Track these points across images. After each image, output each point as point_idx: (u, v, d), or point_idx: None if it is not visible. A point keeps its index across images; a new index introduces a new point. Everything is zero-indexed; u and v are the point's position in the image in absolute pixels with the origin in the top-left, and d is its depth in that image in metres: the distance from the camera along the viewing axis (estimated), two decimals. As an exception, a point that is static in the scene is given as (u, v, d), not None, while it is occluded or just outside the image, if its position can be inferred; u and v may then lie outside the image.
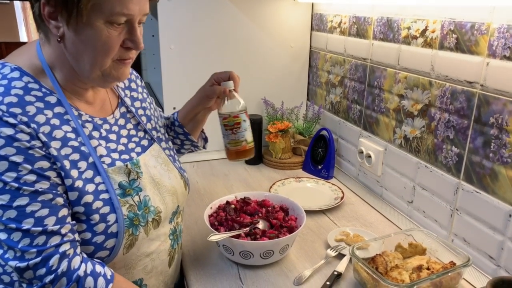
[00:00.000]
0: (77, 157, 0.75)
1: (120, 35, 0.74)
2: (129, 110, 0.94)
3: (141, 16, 0.76)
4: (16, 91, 0.71)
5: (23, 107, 0.70)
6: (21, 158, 0.67)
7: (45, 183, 0.69)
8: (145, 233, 0.83)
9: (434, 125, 1.12)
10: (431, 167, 1.14)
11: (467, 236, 1.04)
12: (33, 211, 0.68)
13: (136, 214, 0.81)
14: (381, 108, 1.33)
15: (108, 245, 0.77)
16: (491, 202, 0.96)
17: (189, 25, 1.56)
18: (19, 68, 0.74)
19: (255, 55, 1.68)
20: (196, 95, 1.08)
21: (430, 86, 1.12)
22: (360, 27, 1.41)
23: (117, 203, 0.78)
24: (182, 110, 1.11)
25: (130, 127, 0.92)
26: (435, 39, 1.08)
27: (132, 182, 0.83)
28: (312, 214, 1.26)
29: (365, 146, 1.41)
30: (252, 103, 1.74)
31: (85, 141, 0.78)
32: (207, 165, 1.64)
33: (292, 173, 1.59)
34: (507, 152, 0.91)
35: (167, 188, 0.91)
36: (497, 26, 0.91)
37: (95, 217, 0.75)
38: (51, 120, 0.73)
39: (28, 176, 0.67)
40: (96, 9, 0.70)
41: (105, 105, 0.88)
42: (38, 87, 0.74)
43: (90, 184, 0.76)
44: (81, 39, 0.72)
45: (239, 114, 1.04)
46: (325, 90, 1.69)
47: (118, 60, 0.77)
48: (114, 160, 0.82)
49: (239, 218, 1.04)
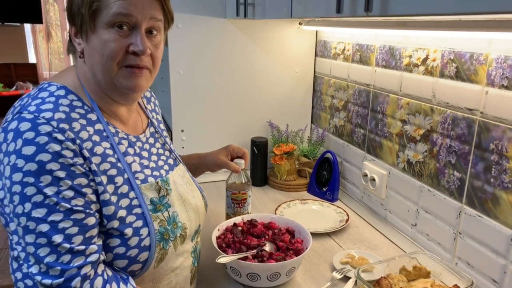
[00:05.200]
0: (114, 173, 0.79)
1: (125, 39, 0.77)
2: (157, 130, 0.99)
3: (147, 20, 0.78)
4: (63, 108, 0.75)
5: (70, 123, 0.74)
6: (63, 174, 0.70)
7: (80, 200, 0.72)
8: (174, 247, 0.86)
9: (436, 150, 1.15)
10: (434, 191, 1.16)
11: (470, 259, 1.06)
12: (65, 227, 0.70)
13: (166, 229, 0.84)
14: (385, 133, 1.37)
15: (141, 258, 0.80)
16: (493, 226, 0.98)
17: (198, 51, 1.61)
18: (64, 86, 0.79)
19: (261, 79, 1.73)
20: (207, 158, 1.18)
21: (432, 112, 1.15)
22: (363, 54, 1.46)
23: (149, 218, 0.82)
24: (185, 158, 1.17)
25: (159, 146, 0.97)
26: (436, 68, 1.13)
27: (162, 198, 0.87)
28: (317, 237, 1.28)
29: (369, 169, 1.44)
30: (258, 125, 1.78)
31: (121, 158, 0.82)
32: (212, 187, 1.67)
33: (297, 195, 1.61)
34: (507, 177, 0.93)
35: (192, 206, 0.95)
36: (495, 56, 0.95)
37: (128, 231, 0.78)
38: (92, 137, 0.78)
39: (67, 192, 0.71)
40: (97, 15, 0.75)
41: (137, 124, 0.94)
42: (81, 105, 0.79)
43: (125, 199, 0.80)
44: (92, 48, 0.78)
45: (247, 192, 1.24)
46: (329, 114, 1.73)
47: (125, 67, 0.79)
48: (147, 176, 0.87)
49: (246, 240, 1.07)
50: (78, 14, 0.76)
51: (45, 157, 0.69)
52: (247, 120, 1.77)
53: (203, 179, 1.70)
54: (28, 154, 0.69)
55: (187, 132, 1.69)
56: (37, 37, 5.00)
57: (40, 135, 0.70)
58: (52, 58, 5.12)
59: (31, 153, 0.69)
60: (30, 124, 0.70)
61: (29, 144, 0.69)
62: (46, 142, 0.70)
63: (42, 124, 0.71)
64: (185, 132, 1.69)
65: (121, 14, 0.75)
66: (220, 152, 1.20)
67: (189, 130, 1.69)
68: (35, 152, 0.69)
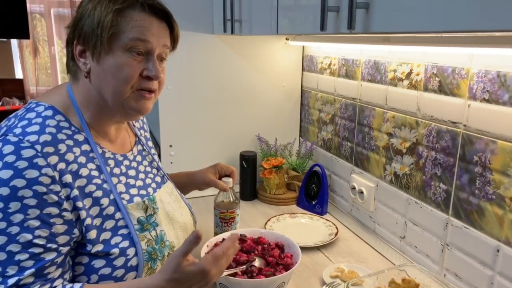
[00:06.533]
0: (99, 194, 0.79)
1: (140, 64, 0.80)
2: (144, 148, 0.99)
3: (160, 47, 0.82)
4: (50, 129, 0.75)
5: (56, 145, 0.74)
6: (34, 202, 0.70)
7: (45, 231, 0.71)
8: (161, 266, 0.85)
9: (422, 163, 1.16)
10: (421, 203, 1.18)
11: (458, 271, 1.07)
12: (20, 260, 0.69)
13: (154, 249, 0.84)
14: (371, 146, 1.38)
15: (128, 278, 0.79)
16: (479, 237, 0.99)
17: (186, 66, 1.62)
18: (52, 107, 0.79)
19: (249, 94, 1.75)
20: (195, 176, 1.19)
21: (417, 125, 1.17)
22: (349, 69, 1.48)
23: (136, 237, 0.81)
24: (173, 176, 1.17)
25: (146, 164, 0.97)
26: (420, 82, 1.15)
27: (149, 217, 0.87)
28: (307, 251, 1.28)
29: (357, 182, 1.45)
30: (247, 139, 1.78)
31: (107, 179, 0.82)
32: (201, 202, 1.66)
33: (287, 208, 1.61)
34: (491, 189, 0.95)
35: (180, 224, 0.95)
36: (476, 71, 0.98)
37: (114, 251, 0.78)
38: (78, 158, 0.78)
39: (32, 221, 0.70)
40: (115, 38, 0.76)
41: (125, 143, 0.94)
42: (68, 126, 0.79)
43: (110, 220, 0.80)
44: (104, 69, 0.78)
45: (235, 210, 1.23)
46: (317, 127, 1.74)
47: (138, 90, 0.81)
48: (133, 196, 0.87)
49: (235, 256, 1.06)
50: (92, 35, 0.76)
51: (20, 183, 0.69)
52: (235, 134, 1.77)
53: (191, 194, 1.69)
54: (4, 178, 0.68)
55: (176, 147, 1.69)
56: (24, 52, 4.97)
57: (21, 159, 0.69)
58: (39, 74, 5.09)
59: (7, 177, 0.68)
60: (13, 147, 0.70)
61: (7, 168, 0.69)
62: (25, 168, 0.69)
63: (25, 148, 0.70)
64: (173, 147, 1.69)
65: (139, 39, 0.77)
66: (208, 171, 1.20)
67: (177, 145, 1.69)
68: (11, 177, 0.68)
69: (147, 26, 0.78)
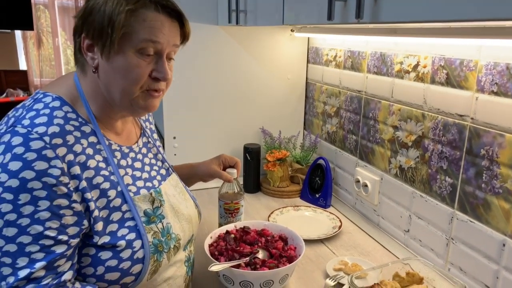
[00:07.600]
0: (107, 186, 0.79)
1: (149, 65, 0.79)
2: (149, 140, 0.99)
3: (170, 47, 0.81)
4: (58, 121, 0.74)
5: (64, 136, 0.74)
6: (44, 194, 0.69)
7: (55, 222, 0.71)
8: (167, 259, 0.85)
9: (428, 156, 1.15)
10: (426, 196, 1.17)
11: (463, 265, 1.06)
12: (31, 251, 0.69)
13: (160, 241, 0.84)
14: (376, 139, 1.37)
15: (134, 270, 0.79)
16: (485, 231, 0.98)
17: (190, 58, 1.61)
18: (59, 97, 0.78)
19: (253, 86, 1.73)
20: (199, 168, 1.18)
21: (423, 118, 1.16)
22: (354, 61, 1.47)
23: (143, 230, 0.81)
24: (177, 168, 1.17)
25: (151, 157, 0.97)
26: (427, 74, 1.14)
27: (155, 209, 0.87)
28: (310, 243, 1.27)
29: (361, 176, 1.44)
30: (251, 132, 1.77)
31: (115, 170, 0.81)
32: (205, 194, 1.66)
33: (290, 201, 1.61)
34: (498, 183, 0.94)
35: (185, 216, 0.95)
36: (484, 63, 0.96)
37: (121, 244, 0.77)
38: (86, 150, 0.77)
39: (43, 213, 0.69)
40: (126, 38, 0.75)
41: (130, 135, 0.93)
42: (75, 117, 0.78)
43: (117, 212, 0.79)
44: (113, 68, 0.77)
45: (239, 201, 1.23)
46: (322, 120, 1.73)
47: (147, 90, 0.81)
48: (139, 188, 0.86)
49: (239, 248, 1.06)
50: (102, 33, 0.75)
51: (29, 174, 0.68)
52: (239, 127, 1.76)
53: (195, 186, 1.69)
54: (13, 169, 0.68)
55: (180, 139, 1.69)
56: (28, 43, 4.97)
57: (30, 151, 0.69)
58: (43, 65, 5.09)
59: (16, 169, 0.68)
60: (22, 139, 0.70)
61: (16, 159, 0.68)
62: (34, 159, 0.69)
63: (34, 139, 0.70)
64: (177, 139, 1.68)
65: (150, 40, 0.76)
66: (212, 162, 1.19)
67: (181, 137, 1.69)
68: (20, 168, 0.68)
69: (159, 27, 0.77)
